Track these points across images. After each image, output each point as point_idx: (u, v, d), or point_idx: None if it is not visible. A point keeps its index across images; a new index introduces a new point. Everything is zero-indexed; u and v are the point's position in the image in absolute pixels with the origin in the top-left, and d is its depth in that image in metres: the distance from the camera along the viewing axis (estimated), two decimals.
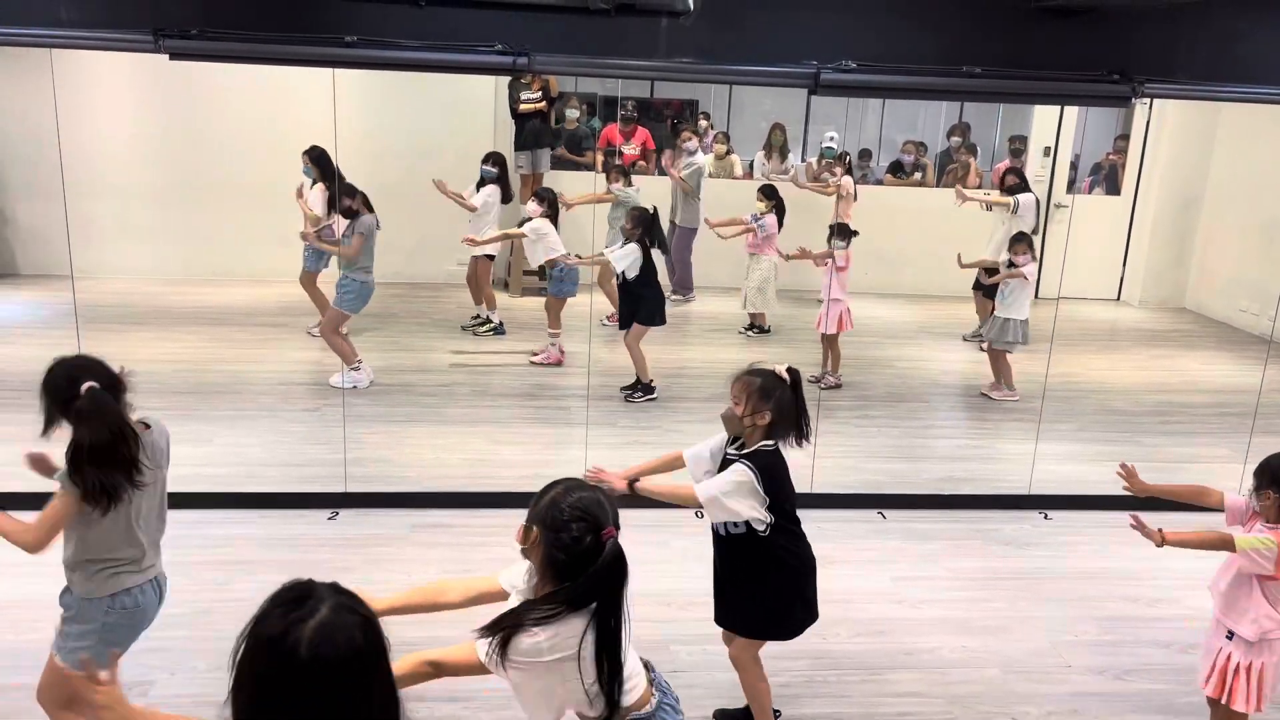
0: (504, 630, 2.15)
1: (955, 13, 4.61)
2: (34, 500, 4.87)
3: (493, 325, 8.13)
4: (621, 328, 6.84)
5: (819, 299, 7.11)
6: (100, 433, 2.77)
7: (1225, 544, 3.10)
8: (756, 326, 8.51)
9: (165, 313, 8.25)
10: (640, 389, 6.79)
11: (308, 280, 7.65)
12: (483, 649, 2.18)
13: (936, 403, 7.26)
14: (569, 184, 9.16)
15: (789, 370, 3.21)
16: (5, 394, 6.38)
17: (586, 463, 5.37)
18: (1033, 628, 4.29)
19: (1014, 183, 8.30)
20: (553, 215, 7.36)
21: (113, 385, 2.92)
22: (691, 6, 4.16)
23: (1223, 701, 3.21)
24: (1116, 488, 5.67)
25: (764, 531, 3.20)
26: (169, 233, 9.22)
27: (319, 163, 7.37)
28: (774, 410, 3.15)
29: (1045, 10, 4.54)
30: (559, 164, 9.72)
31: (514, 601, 2.33)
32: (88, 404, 2.80)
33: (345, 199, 6.75)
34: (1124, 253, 10.49)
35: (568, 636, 2.15)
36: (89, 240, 8.50)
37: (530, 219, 7.32)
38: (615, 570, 2.19)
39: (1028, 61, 4.58)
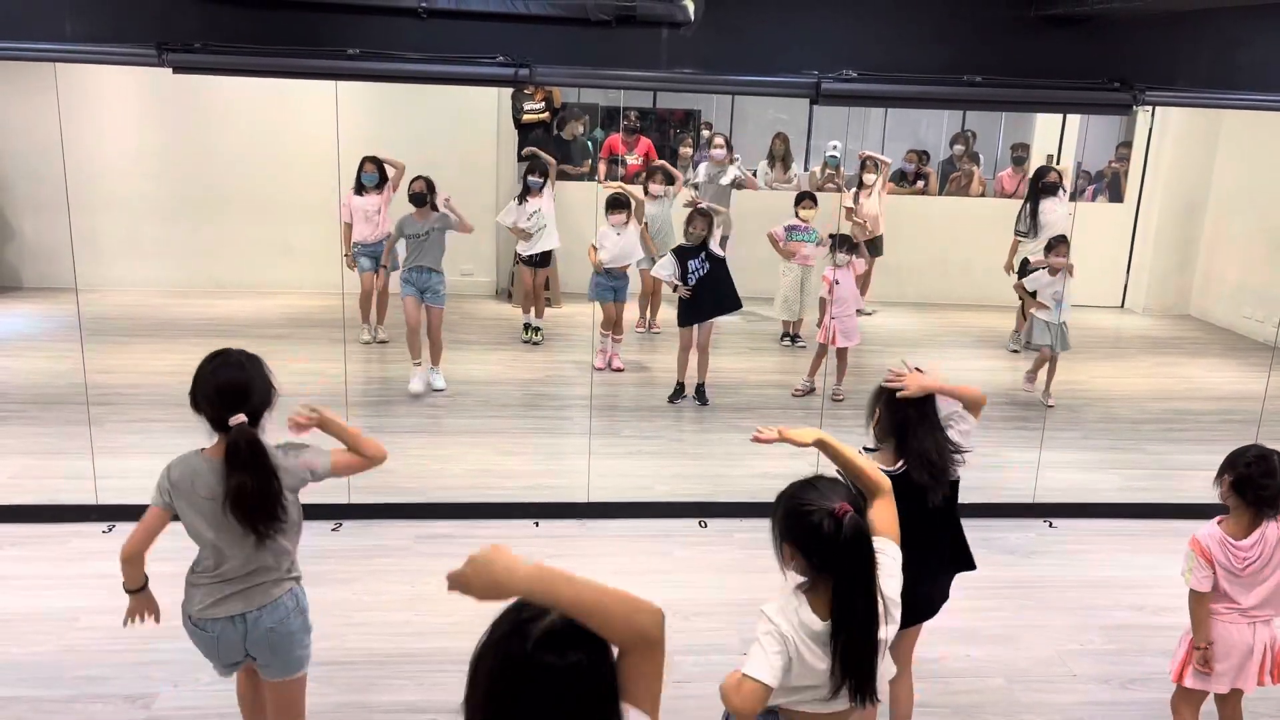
0: None
1: (956, 22, 4.62)
2: (39, 512, 4.91)
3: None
4: (721, 312, 6.97)
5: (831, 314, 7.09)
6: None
7: (1195, 601, 3.24)
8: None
9: (169, 325, 8.27)
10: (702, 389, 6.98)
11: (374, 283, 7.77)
12: None
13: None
14: (572, 193, 9.17)
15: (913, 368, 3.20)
16: (10, 407, 6.40)
17: (590, 473, 5.40)
18: (1038, 637, 4.27)
19: (1054, 180, 8.25)
20: None
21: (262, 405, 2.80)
22: (692, 17, 4.18)
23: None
24: (1122, 496, 5.71)
25: None
26: (173, 245, 9.24)
27: (381, 168, 7.51)
28: (883, 408, 3.18)
29: (1046, 19, 4.54)
30: (561, 175, 9.74)
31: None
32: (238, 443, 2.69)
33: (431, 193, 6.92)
34: (1128, 260, 10.48)
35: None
36: (93, 253, 8.53)
37: (619, 227, 7.47)
38: (857, 544, 2.18)
39: (1029, 70, 4.58)
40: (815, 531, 2.17)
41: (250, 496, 2.67)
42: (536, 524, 5.07)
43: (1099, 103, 4.74)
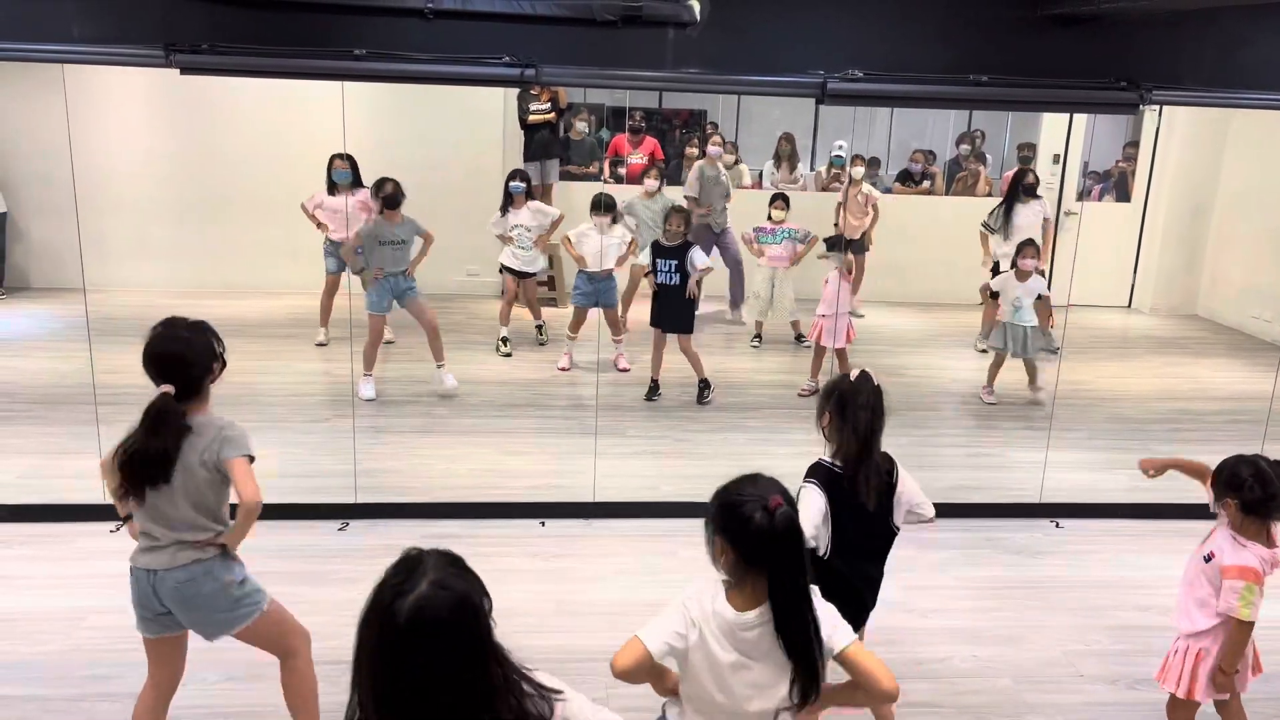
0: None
1: (962, 21, 4.62)
2: (46, 512, 4.93)
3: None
4: (671, 330, 6.92)
5: (822, 314, 7.09)
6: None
7: (1244, 632, 3.16)
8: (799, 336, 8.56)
9: None
10: (706, 387, 6.95)
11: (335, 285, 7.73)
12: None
13: (946, 411, 7.24)
14: (578, 194, 9.18)
15: (860, 372, 3.21)
16: (18, 406, 6.43)
17: (596, 473, 5.40)
18: (1044, 637, 4.27)
19: (1031, 183, 8.24)
20: None
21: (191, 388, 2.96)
22: (698, 17, 4.18)
23: (1161, 685, 3.33)
24: (1128, 496, 5.69)
25: (822, 553, 3.06)
26: (180, 246, 9.27)
27: (355, 167, 7.50)
28: (833, 409, 3.15)
29: (1052, 18, 4.54)
30: (567, 174, 9.76)
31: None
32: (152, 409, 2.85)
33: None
34: (1135, 259, 10.46)
35: None
36: (101, 254, 8.56)
37: (602, 227, 7.48)
38: (788, 536, 2.19)
39: (1035, 69, 4.58)
40: (747, 524, 2.18)
41: (139, 456, 2.83)
42: (542, 524, 5.07)
43: (1106, 102, 4.73)
